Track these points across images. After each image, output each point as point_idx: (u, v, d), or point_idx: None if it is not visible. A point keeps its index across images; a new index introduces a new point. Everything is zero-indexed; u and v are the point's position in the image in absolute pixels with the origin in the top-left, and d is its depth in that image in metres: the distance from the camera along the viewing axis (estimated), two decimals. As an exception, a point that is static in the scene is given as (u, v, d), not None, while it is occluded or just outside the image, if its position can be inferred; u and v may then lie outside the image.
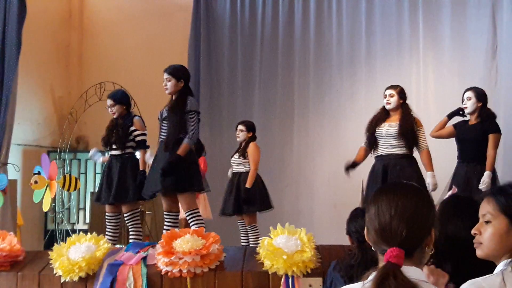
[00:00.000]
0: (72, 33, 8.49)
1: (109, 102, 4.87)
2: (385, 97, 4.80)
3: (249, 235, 5.46)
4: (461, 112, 5.05)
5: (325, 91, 7.43)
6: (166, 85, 4.41)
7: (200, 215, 4.38)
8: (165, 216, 4.44)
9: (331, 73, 7.42)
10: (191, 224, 4.31)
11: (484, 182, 4.61)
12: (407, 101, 4.83)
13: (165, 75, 4.43)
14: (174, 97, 4.44)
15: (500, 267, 1.60)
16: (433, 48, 7.01)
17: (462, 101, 4.95)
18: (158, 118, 4.52)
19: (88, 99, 7.52)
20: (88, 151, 7.77)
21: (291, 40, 7.63)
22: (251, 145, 5.53)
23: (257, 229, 5.44)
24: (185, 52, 7.59)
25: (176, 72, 4.46)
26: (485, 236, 1.63)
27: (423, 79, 7.00)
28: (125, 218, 4.73)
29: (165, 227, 4.37)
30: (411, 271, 1.38)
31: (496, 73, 6.50)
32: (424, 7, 7.03)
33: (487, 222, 1.64)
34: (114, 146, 4.78)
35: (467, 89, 4.96)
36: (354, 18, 7.40)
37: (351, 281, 2.51)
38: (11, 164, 5.70)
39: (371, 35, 7.29)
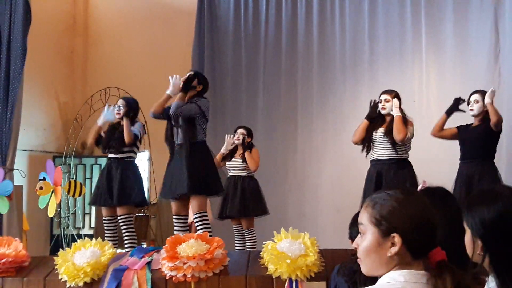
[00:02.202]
0: (77, 39, 8.53)
1: (121, 102, 5.05)
2: (380, 102, 4.80)
3: (247, 239, 5.48)
4: (461, 102, 5.03)
5: (329, 95, 7.44)
6: None
7: (208, 219, 4.44)
8: (175, 220, 4.51)
9: (335, 77, 7.43)
10: (198, 227, 4.36)
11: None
12: (410, 104, 4.82)
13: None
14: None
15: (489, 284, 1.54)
16: (435, 52, 7.02)
17: (468, 104, 4.94)
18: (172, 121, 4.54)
19: (93, 104, 7.56)
20: (93, 157, 7.85)
21: (295, 44, 7.65)
22: (255, 150, 5.61)
23: (254, 233, 5.48)
24: (189, 57, 7.62)
25: (198, 75, 4.66)
26: None
27: (425, 83, 7.00)
28: (119, 221, 4.80)
29: (174, 231, 4.42)
30: None
31: (499, 76, 6.50)
32: (426, 10, 7.03)
33: None
34: (112, 150, 4.91)
35: (475, 92, 4.95)
36: (357, 22, 7.41)
37: (355, 286, 2.52)
38: (17, 169, 5.73)
39: (374, 39, 7.30)
